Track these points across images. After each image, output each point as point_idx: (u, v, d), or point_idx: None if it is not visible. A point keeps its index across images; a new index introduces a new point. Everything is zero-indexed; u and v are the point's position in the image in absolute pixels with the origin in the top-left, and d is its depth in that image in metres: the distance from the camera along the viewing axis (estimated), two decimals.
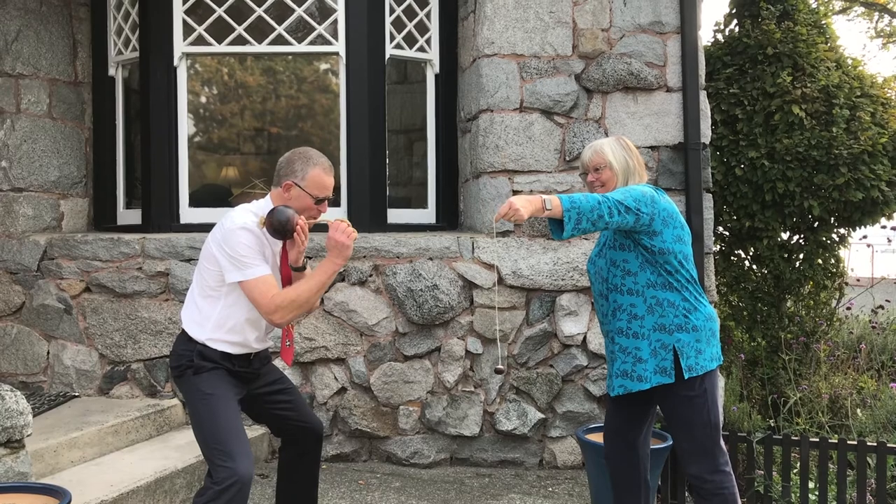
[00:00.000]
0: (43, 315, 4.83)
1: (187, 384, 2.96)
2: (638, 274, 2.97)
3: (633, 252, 2.97)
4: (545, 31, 4.75)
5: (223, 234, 2.87)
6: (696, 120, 4.71)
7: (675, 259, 2.94)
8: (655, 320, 2.94)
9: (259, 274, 2.84)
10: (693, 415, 2.93)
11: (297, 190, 2.95)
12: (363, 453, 4.69)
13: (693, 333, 2.93)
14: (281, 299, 2.84)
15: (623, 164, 3.09)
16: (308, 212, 2.98)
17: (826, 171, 5.05)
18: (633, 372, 2.97)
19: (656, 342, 2.93)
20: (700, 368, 2.92)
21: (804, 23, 5.43)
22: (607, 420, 3.29)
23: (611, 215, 2.80)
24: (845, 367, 5.47)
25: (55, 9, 5.25)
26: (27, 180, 5.10)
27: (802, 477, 4.02)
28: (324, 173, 2.99)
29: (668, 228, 2.93)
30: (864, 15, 15.99)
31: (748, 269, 5.69)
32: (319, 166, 2.99)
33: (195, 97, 5.24)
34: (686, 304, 2.95)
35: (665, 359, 2.91)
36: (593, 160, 3.12)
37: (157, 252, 4.67)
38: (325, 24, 4.98)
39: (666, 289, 2.94)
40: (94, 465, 3.91)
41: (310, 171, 2.96)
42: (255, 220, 2.91)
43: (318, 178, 2.97)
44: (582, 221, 2.77)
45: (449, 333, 4.62)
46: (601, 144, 3.13)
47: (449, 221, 5.31)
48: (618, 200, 2.83)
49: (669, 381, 2.91)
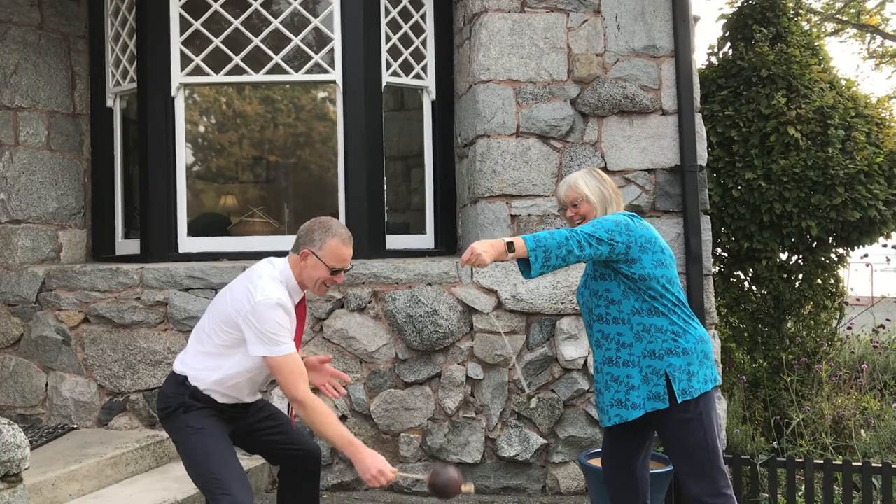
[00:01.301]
0: (41, 347, 4.81)
1: (176, 422, 2.95)
2: (622, 302, 2.96)
3: (614, 281, 2.97)
4: (540, 57, 4.79)
5: (253, 308, 2.81)
6: (692, 142, 4.73)
7: (657, 284, 2.94)
8: (644, 346, 2.93)
9: (288, 352, 2.84)
10: (690, 438, 2.91)
11: (314, 259, 2.96)
12: (364, 482, 4.64)
13: (684, 357, 2.92)
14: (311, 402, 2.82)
15: (599, 195, 3.12)
16: (324, 281, 2.99)
17: (823, 192, 5.06)
18: (627, 400, 2.96)
19: (647, 368, 2.92)
20: (694, 391, 2.90)
21: (797, 45, 5.47)
22: (605, 448, 3.28)
23: (581, 249, 2.81)
24: (848, 387, 5.45)
25: (54, 42, 5.29)
26: (25, 212, 5.11)
27: (808, 499, 3.98)
28: (342, 244, 2.99)
29: (646, 255, 2.93)
30: (856, 36, 16.13)
31: (748, 290, 5.69)
32: (338, 237, 2.99)
33: (193, 126, 5.27)
34: (674, 328, 2.94)
35: (657, 384, 2.90)
36: (569, 195, 3.14)
37: (156, 282, 4.66)
38: (322, 52, 5.02)
39: (652, 314, 2.94)
40: (94, 498, 3.88)
41: (328, 241, 2.96)
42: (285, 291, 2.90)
43: (336, 249, 2.97)
44: (550, 258, 2.79)
45: (449, 359, 4.60)
46: (574, 179, 3.15)
47: (448, 246, 5.31)
48: (588, 234, 2.84)
49: (663, 406, 2.90)
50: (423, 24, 5.30)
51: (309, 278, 2.98)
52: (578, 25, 4.81)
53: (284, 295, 2.88)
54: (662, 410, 2.91)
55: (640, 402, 2.93)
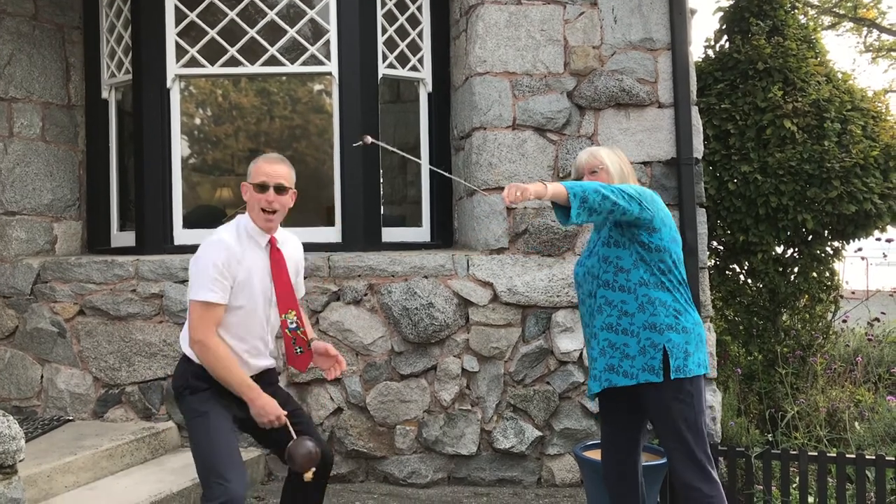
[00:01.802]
0: (36, 339, 4.80)
1: (185, 405, 2.97)
2: (631, 271, 2.96)
3: (627, 249, 2.97)
4: (537, 49, 4.78)
5: (202, 247, 2.90)
6: (689, 135, 4.73)
7: (669, 258, 2.96)
8: (646, 318, 2.93)
9: (206, 298, 2.84)
10: (680, 419, 2.92)
11: (247, 187, 3.00)
12: (360, 474, 4.65)
13: (683, 335, 2.93)
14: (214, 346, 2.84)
15: (618, 168, 3.13)
16: (257, 203, 2.95)
17: (819, 185, 5.06)
18: (620, 367, 2.96)
19: (646, 340, 2.92)
20: (688, 371, 2.91)
21: (794, 38, 5.47)
22: (604, 440, 3.27)
23: (616, 196, 2.78)
24: (842, 380, 5.46)
25: (48, 33, 5.26)
26: (20, 204, 5.09)
27: (801, 491, 4.00)
28: (264, 162, 2.99)
29: (665, 228, 2.96)
30: (853, 30, 16.14)
31: (743, 283, 5.69)
32: (262, 158, 3.02)
33: (189, 119, 5.25)
34: (677, 305, 2.96)
35: (654, 357, 2.90)
36: (590, 162, 3.14)
37: (151, 274, 4.65)
38: (318, 44, 5.00)
39: (658, 288, 2.95)
40: (89, 490, 3.88)
41: (254, 165, 3.01)
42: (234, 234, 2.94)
43: (258, 168, 2.98)
44: (588, 200, 2.74)
45: (445, 352, 4.60)
46: (597, 149, 3.19)
47: (443, 239, 5.31)
48: (620, 188, 2.85)
49: (657, 380, 2.89)
50: (420, 16, 5.29)
51: (251, 210, 2.97)
52: (575, 17, 4.80)
53: (230, 236, 2.91)
54: (655, 386, 2.91)
55: (633, 373, 2.93)
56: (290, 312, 3.04)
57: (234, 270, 2.88)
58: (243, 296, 2.93)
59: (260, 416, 2.89)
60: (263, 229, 2.99)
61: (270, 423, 2.90)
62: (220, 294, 2.85)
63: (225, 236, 2.91)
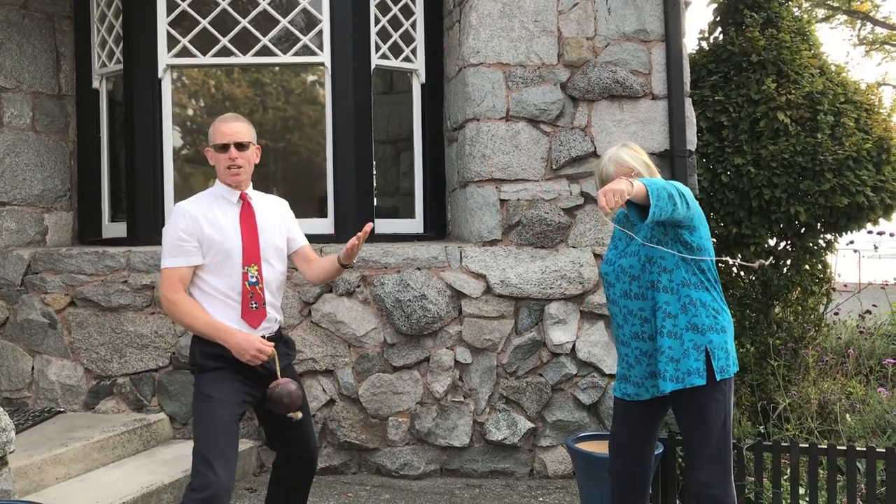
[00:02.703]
0: (27, 330, 4.78)
1: (196, 384, 3.00)
2: (674, 271, 2.90)
3: (671, 248, 2.89)
4: (530, 40, 4.76)
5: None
6: (682, 127, 4.72)
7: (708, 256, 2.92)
8: (689, 319, 2.87)
9: (171, 265, 2.97)
10: (714, 419, 2.87)
11: (209, 151, 3.10)
12: (352, 465, 4.65)
13: (722, 335, 2.90)
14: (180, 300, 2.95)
15: (644, 165, 3.03)
16: (220, 164, 3.06)
17: (812, 177, 5.07)
18: (665, 372, 2.87)
19: (689, 342, 2.86)
20: (728, 371, 2.88)
21: (788, 30, 5.46)
22: (615, 433, 3.18)
23: (677, 197, 2.68)
24: (834, 372, 5.48)
25: (38, 21, 5.22)
26: (10, 194, 5.06)
27: (793, 483, 4.01)
28: (221, 122, 3.08)
29: (702, 225, 2.92)
30: (846, 23, 16.16)
31: (736, 275, 5.70)
32: (219, 120, 3.10)
33: (181, 109, 5.22)
34: (715, 305, 2.92)
35: (698, 360, 2.84)
36: (619, 171, 2.99)
37: (143, 265, 4.63)
38: (311, 34, 4.97)
39: (699, 288, 2.90)
40: (80, 482, 3.87)
41: (211, 130, 3.09)
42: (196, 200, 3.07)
43: (216, 129, 3.06)
44: (661, 198, 2.63)
45: (438, 343, 4.60)
46: (618, 154, 3.04)
47: (437, 231, 5.30)
48: (675, 186, 2.72)
49: (702, 382, 2.83)
50: (413, 7, 5.26)
51: (219, 171, 3.08)
52: (569, 9, 4.78)
53: (191, 203, 3.05)
54: (696, 388, 2.85)
55: (679, 376, 2.85)
56: (252, 266, 3.04)
57: (198, 231, 2.98)
58: (215, 251, 2.99)
59: (240, 354, 2.90)
60: (232, 185, 3.09)
61: (253, 360, 2.89)
62: (181, 259, 2.98)
63: (182, 203, 3.06)
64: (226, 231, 3.01)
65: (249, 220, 3.07)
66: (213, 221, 3.01)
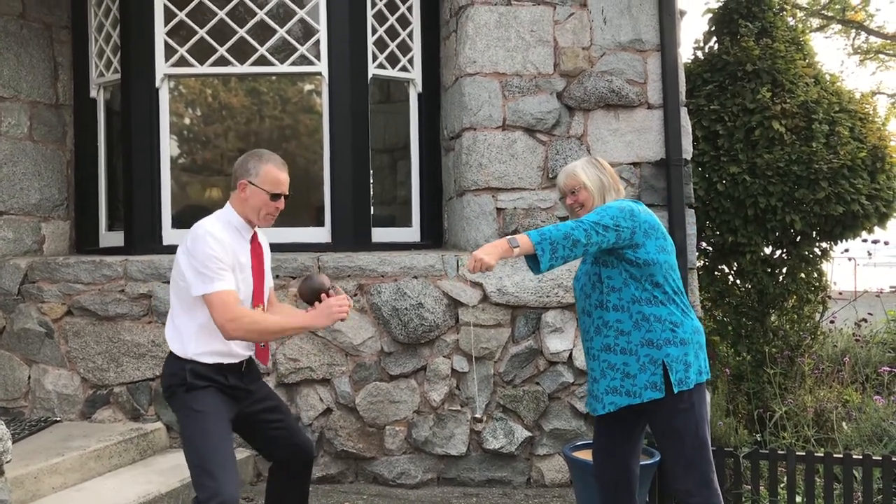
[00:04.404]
0: (24, 339, 4.77)
1: (178, 402, 2.93)
2: (622, 290, 2.96)
3: (616, 268, 2.97)
4: (527, 50, 4.78)
5: (192, 243, 2.85)
6: (678, 136, 4.75)
7: (659, 271, 2.94)
8: (643, 335, 2.93)
9: (223, 288, 2.82)
10: (681, 428, 2.92)
11: (252, 188, 2.95)
12: (349, 474, 4.64)
13: (681, 347, 2.93)
14: (242, 314, 2.83)
15: (597, 182, 3.12)
16: (265, 209, 2.96)
17: (807, 186, 5.09)
18: (622, 388, 2.95)
19: (645, 357, 2.92)
20: (690, 382, 2.91)
21: (782, 40, 5.50)
22: (596, 441, 3.25)
23: (588, 238, 2.81)
24: (830, 380, 5.49)
25: (36, 31, 5.23)
26: (7, 203, 5.06)
27: (790, 491, 4.02)
28: (277, 168, 2.97)
29: (650, 240, 2.94)
30: (841, 32, 16.25)
31: (732, 283, 5.72)
32: (272, 162, 2.97)
33: (178, 118, 5.23)
34: (673, 318, 2.94)
35: (655, 374, 2.90)
36: (568, 183, 3.16)
37: (140, 274, 4.63)
38: (308, 44, 4.99)
39: (651, 304, 2.94)
40: (76, 491, 3.86)
41: (262, 167, 2.95)
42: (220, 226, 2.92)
43: (272, 174, 2.95)
44: (557, 250, 2.79)
45: (434, 352, 4.60)
46: (573, 168, 3.18)
47: (433, 239, 5.31)
48: (593, 222, 2.85)
49: (660, 395, 2.89)
50: (410, 16, 5.28)
51: (252, 210, 2.96)
52: (565, 19, 4.81)
53: (217, 228, 2.89)
54: (658, 401, 2.91)
55: (636, 391, 2.92)
56: (259, 306, 3.05)
57: (228, 260, 2.90)
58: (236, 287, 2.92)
59: (333, 317, 2.89)
60: (261, 227, 3.06)
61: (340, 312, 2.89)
62: (229, 280, 2.85)
63: (211, 228, 2.89)
64: (245, 268, 2.98)
65: (259, 260, 3.06)
66: (237, 255, 2.94)
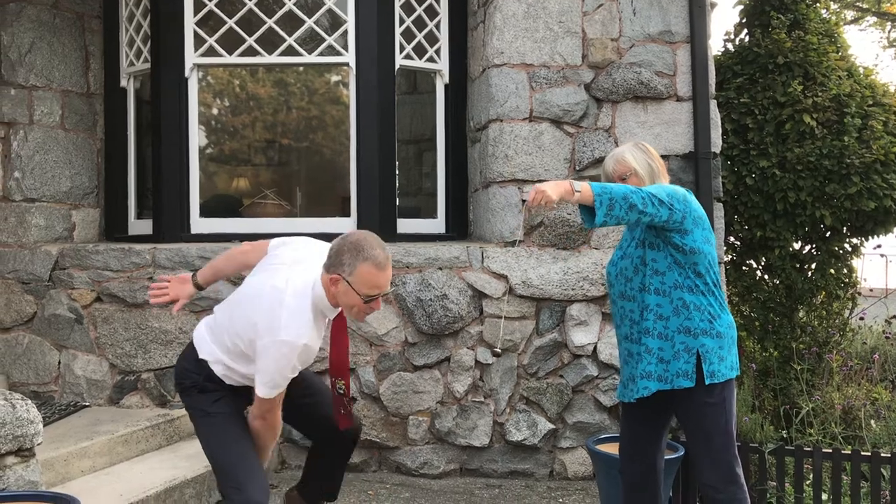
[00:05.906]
0: (54, 325, 4.85)
1: (190, 399, 2.94)
2: (666, 274, 2.92)
3: (662, 252, 2.93)
4: (554, 41, 4.76)
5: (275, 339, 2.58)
6: (707, 129, 4.70)
7: (703, 261, 2.91)
8: (681, 322, 2.90)
9: (274, 395, 2.71)
10: (710, 422, 2.89)
11: (345, 285, 2.60)
12: (373, 464, 4.67)
13: (717, 339, 2.90)
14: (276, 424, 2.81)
15: (647, 167, 3.06)
16: (357, 308, 2.65)
17: (838, 181, 5.02)
18: (655, 373, 2.92)
19: (680, 344, 2.89)
20: (721, 376, 2.88)
21: (815, 32, 5.41)
22: (623, 436, 3.22)
23: (644, 205, 2.74)
24: (858, 377, 5.42)
25: (68, 21, 5.29)
26: (39, 191, 5.14)
27: (815, 488, 3.97)
28: (376, 269, 2.57)
29: (697, 229, 2.91)
30: (876, 24, 15.94)
31: (760, 279, 5.66)
32: (370, 261, 2.57)
33: (207, 108, 5.27)
34: (711, 309, 2.92)
35: (688, 362, 2.87)
36: (617, 170, 3.07)
37: (168, 262, 4.69)
38: (336, 34, 5.00)
39: (692, 292, 2.91)
40: (105, 475, 3.92)
41: (359, 266, 2.57)
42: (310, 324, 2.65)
43: (368, 276, 2.58)
44: (615, 208, 2.70)
45: (458, 343, 4.61)
46: (622, 153, 3.10)
47: (458, 231, 5.31)
48: (651, 193, 2.79)
49: (690, 384, 2.86)
50: (437, 7, 5.27)
51: (344, 305, 2.69)
52: (594, 9, 4.77)
53: (312, 331, 2.63)
54: (687, 391, 2.88)
55: (667, 377, 2.89)
56: (339, 380, 2.90)
57: None
58: None
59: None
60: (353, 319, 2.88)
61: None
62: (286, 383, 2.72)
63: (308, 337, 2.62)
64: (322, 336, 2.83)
65: (341, 335, 2.89)
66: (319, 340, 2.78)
